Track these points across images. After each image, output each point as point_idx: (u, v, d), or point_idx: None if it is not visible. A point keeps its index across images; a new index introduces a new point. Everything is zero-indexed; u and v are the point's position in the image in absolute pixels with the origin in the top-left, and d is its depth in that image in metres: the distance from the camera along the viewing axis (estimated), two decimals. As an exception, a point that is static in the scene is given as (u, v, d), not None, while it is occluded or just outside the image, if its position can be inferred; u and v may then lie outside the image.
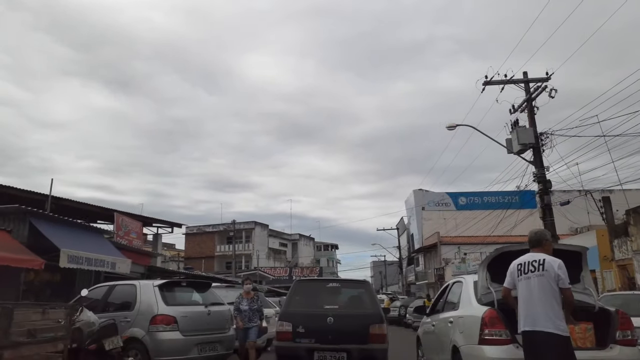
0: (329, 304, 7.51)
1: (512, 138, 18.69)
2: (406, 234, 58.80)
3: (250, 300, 8.81)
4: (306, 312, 7.28)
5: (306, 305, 7.48)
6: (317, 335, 6.94)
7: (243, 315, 8.65)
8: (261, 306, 9.02)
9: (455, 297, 6.53)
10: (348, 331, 6.98)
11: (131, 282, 8.01)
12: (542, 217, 17.67)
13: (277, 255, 66.76)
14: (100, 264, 12.71)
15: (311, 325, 7.00)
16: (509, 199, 50.10)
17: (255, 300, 8.87)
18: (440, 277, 40.77)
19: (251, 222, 63.45)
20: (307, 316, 7.17)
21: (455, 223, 49.15)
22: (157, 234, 31.02)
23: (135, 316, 7.35)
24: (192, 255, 62.27)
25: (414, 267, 54.36)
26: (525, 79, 18.64)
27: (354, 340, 6.92)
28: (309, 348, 6.90)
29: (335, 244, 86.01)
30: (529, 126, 18.13)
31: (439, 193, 51.34)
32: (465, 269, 33.82)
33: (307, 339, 6.95)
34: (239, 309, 8.70)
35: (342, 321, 7.03)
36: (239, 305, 8.74)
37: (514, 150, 18.28)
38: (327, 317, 7.01)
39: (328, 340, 6.90)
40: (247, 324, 8.66)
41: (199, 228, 64.87)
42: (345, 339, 6.91)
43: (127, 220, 18.18)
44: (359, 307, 7.64)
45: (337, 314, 7.13)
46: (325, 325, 6.93)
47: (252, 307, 8.74)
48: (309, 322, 7.06)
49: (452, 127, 18.54)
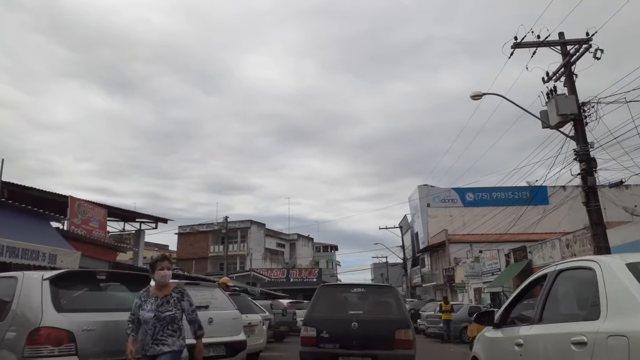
0: (353, 309, 7.39)
1: (548, 110, 15.74)
2: (410, 232, 55.74)
3: (161, 300, 4.45)
4: (330, 318, 7.14)
5: (330, 311, 7.35)
6: (341, 341, 6.83)
7: (144, 331, 4.37)
8: (193, 311, 4.66)
9: (579, 295, 3.56)
10: (373, 336, 6.81)
11: (12, 275, 4.95)
12: (585, 202, 14.68)
13: (274, 256, 63.66)
14: (33, 257, 9.70)
15: (335, 331, 6.89)
16: (519, 194, 47.30)
17: (176, 302, 4.48)
18: (450, 279, 37.74)
19: (247, 221, 60.41)
20: (331, 321, 7.04)
21: (463, 221, 46.19)
22: (140, 229, 28.02)
23: (5, 330, 4.34)
24: (185, 256, 59.24)
25: (419, 268, 51.30)
26: (563, 40, 15.72)
27: (380, 346, 6.75)
28: (333, 353, 6.81)
29: (335, 244, 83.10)
30: (569, 94, 15.20)
31: (445, 189, 48.35)
32: (479, 269, 30.79)
33: (332, 344, 6.84)
34: (137, 319, 4.43)
35: (367, 326, 6.87)
36: (138, 309, 4.43)
37: (552, 123, 15.30)
38: (352, 322, 6.88)
39: (352, 345, 6.77)
40: (149, 350, 4.32)
41: (192, 227, 61.80)
42: (370, 344, 6.75)
43: (87, 205, 15.08)
44: (384, 312, 7.37)
45: (362, 319, 6.98)
46: (350, 331, 6.79)
47: (163, 313, 4.37)
48: (333, 327, 6.93)
49: (478, 95, 15.57)
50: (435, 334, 19.62)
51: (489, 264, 29.23)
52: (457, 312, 19.10)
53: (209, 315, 6.63)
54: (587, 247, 17.60)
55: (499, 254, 27.70)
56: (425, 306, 23.24)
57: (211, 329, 6.58)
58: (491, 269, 28.36)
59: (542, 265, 21.66)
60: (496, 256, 27.96)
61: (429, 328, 19.67)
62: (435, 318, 19.45)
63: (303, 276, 54.70)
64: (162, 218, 28.17)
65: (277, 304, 18.29)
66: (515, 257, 25.00)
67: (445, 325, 18.44)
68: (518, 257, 24.57)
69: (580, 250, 18.14)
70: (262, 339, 10.10)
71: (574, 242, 18.56)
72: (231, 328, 6.97)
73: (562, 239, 19.69)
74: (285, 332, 17.88)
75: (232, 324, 7.02)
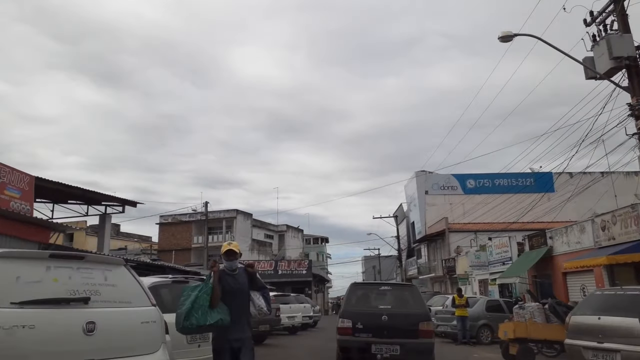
0: (382, 304, 8.57)
1: (594, 55, 12.62)
2: (406, 222, 52.71)
3: None
4: (363, 311, 8.41)
5: (363, 305, 8.67)
6: (373, 331, 8.03)
7: None
8: None
9: None
10: (400, 327, 8.03)
11: None
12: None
13: (261, 248, 60.30)
14: None
15: (368, 322, 8.13)
16: (522, 181, 44.42)
17: None
18: (450, 270, 34.78)
19: (232, 211, 57.04)
20: (364, 314, 8.31)
21: (464, 209, 43.22)
22: (105, 214, 24.61)
23: None
24: (167, 247, 55.76)
25: (415, 259, 48.32)
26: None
27: (406, 335, 7.97)
28: (367, 342, 7.98)
29: (326, 236, 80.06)
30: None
31: (444, 175, 45.33)
32: (486, 258, 27.79)
33: (365, 333, 8.07)
34: None
35: (395, 319, 8.10)
36: None
37: (602, 70, 12.18)
38: (382, 315, 8.15)
39: (383, 335, 7.97)
40: None
41: (174, 217, 58.15)
42: (398, 333, 7.96)
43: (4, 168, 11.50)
44: (408, 306, 8.52)
45: (390, 313, 8.20)
46: (381, 322, 8.05)
47: None
48: (366, 319, 8.19)
49: (509, 36, 12.38)
50: (447, 333, 16.53)
51: (497, 253, 26.22)
52: (472, 307, 16.03)
53: (89, 318, 3.41)
54: (631, 229, 14.57)
55: (509, 242, 24.68)
56: (432, 300, 20.12)
57: (93, 344, 3.36)
58: (501, 258, 25.35)
59: (567, 252, 18.63)
60: (507, 244, 24.94)
61: (439, 326, 16.59)
62: (447, 314, 16.34)
63: (292, 268, 51.47)
64: (130, 201, 24.79)
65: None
66: (531, 244, 21.98)
67: (459, 323, 15.35)
68: (535, 244, 21.55)
69: (621, 233, 15.12)
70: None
71: (612, 224, 15.53)
72: (136, 340, 3.74)
73: (595, 220, 16.64)
74: (267, 333, 14.70)
75: (140, 332, 3.78)
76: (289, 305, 20.12)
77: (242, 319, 4.55)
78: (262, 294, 4.78)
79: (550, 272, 19.77)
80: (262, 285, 4.89)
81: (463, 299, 15.71)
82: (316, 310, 25.47)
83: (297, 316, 20.35)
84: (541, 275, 20.69)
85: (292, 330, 19.98)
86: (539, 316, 10.34)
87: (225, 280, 4.54)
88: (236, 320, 4.46)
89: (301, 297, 23.97)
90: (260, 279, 4.92)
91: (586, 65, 12.45)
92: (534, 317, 10.33)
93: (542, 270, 20.49)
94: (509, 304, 17.24)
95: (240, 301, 4.59)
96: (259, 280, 4.85)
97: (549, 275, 19.99)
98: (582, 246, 17.49)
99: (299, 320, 20.47)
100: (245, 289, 4.64)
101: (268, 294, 4.90)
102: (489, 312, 16.19)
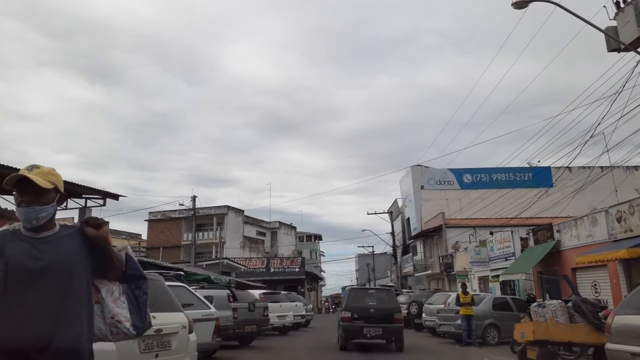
0: (370, 301, 13.15)
1: (618, 25, 11.35)
2: (400, 218, 51.47)
3: None
4: (358, 306, 12.78)
5: (357, 302, 13.08)
6: (365, 319, 12.38)
7: None
8: None
9: None
10: (382, 316, 12.47)
11: None
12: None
13: (253, 245, 58.84)
14: None
15: (361, 313, 12.50)
16: (521, 176, 43.30)
17: None
18: (448, 266, 33.55)
19: (223, 207, 55.51)
20: (359, 308, 12.66)
21: (460, 204, 42.09)
22: (85, 207, 23.05)
23: None
24: (156, 245, 54.26)
25: (410, 256, 47.08)
26: None
27: (385, 321, 12.40)
28: (360, 326, 12.30)
29: (319, 234, 78.75)
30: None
31: (440, 169, 44.11)
32: (486, 254, 26.57)
33: (359, 320, 12.36)
34: None
35: (379, 311, 12.61)
36: None
37: (627, 39, 10.91)
38: (370, 309, 12.69)
39: (371, 321, 12.33)
40: None
41: (164, 214, 56.56)
42: (380, 320, 12.37)
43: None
44: (386, 303, 13.14)
45: (376, 307, 12.76)
46: (369, 313, 12.54)
47: None
48: (360, 311, 12.56)
49: (524, 2, 11.06)
50: (450, 333, 15.23)
51: (498, 249, 25.01)
52: (478, 306, 14.76)
53: None
54: (652, 220, 13.34)
55: (512, 236, 23.46)
56: (432, 298, 18.82)
57: None
58: (503, 254, 24.13)
59: (576, 246, 17.40)
60: (509, 238, 23.72)
61: (442, 326, 15.29)
62: (450, 313, 15.04)
63: (285, 266, 50.13)
64: (112, 193, 23.25)
65: (243, 296, 13.68)
66: (536, 239, 20.76)
67: (464, 323, 14.05)
68: (540, 238, 20.32)
69: (639, 224, 13.90)
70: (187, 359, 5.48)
71: (630, 214, 14.31)
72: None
73: (609, 211, 15.42)
74: (254, 334, 13.32)
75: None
76: (279, 304, 18.80)
77: (63, 318, 2.07)
78: (130, 288, 2.37)
79: (558, 267, 18.53)
80: (134, 269, 2.39)
81: (468, 296, 14.41)
82: (309, 309, 24.11)
83: (288, 315, 19.03)
84: (547, 272, 19.47)
85: (282, 331, 18.67)
86: (561, 315, 9.04)
87: (14, 251, 2.09)
88: (40, 320, 2.02)
89: (293, 295, 22.66)
90: (131, 257, 2.42)
91: (609, 34, 11.19)
92: (556, 316, 9.03)
93: (548, 266, 19.26)
94: (517, 301, 15.99)
95: (56, 290, 2.08)
96: (116, 255, 2.30)
97: (555, 271, 18.76)
98: (594, 239, 16.26)
99: (290, 319, 19.16)
100: (71, 267, 2.14)
101: (144, 292, 2.42)
102: (495, 310, 14.92)
